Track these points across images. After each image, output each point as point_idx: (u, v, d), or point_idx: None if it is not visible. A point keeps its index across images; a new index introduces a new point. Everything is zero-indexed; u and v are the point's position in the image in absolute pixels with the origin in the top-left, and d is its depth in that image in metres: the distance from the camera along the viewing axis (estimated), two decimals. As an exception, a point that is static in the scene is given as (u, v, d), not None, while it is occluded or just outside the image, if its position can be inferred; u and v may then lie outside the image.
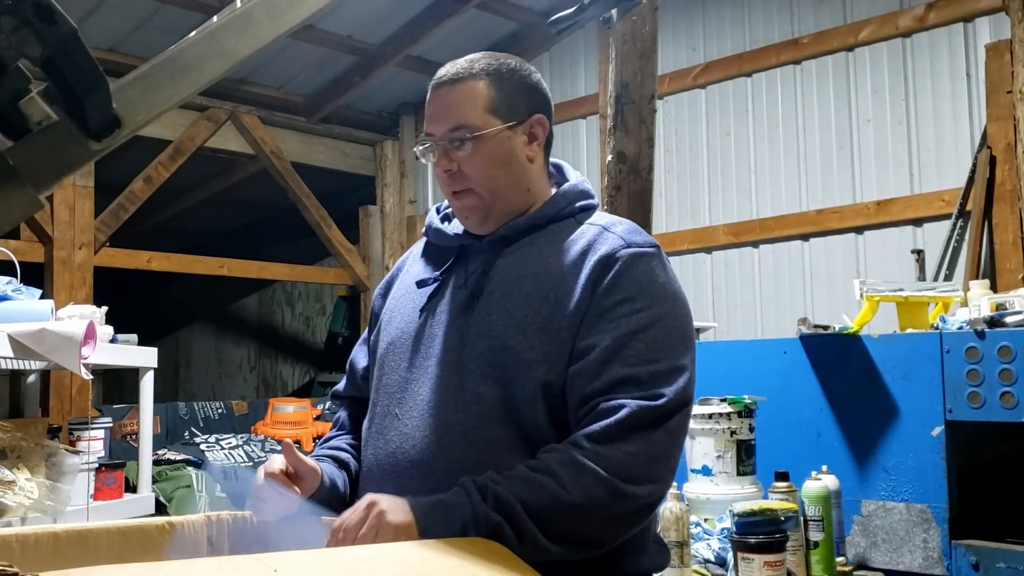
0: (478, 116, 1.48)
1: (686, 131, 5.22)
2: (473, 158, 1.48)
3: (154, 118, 0.98)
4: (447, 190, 1.53)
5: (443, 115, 1.49)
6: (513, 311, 1.42)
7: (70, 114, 0.92)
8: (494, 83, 1.50)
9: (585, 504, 1.27)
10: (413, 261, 1.66)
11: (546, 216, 1.52)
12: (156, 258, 5.53)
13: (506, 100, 1.50)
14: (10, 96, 0.89)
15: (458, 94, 1.49)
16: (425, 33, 5.46)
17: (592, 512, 1.28)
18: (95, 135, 0.93)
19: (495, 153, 1.49)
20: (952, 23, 4.33)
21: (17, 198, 0.89)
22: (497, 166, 1.50)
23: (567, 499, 1.26)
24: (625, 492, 1.29)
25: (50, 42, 0.85)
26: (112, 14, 4.86)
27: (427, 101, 1.53)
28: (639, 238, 1.48)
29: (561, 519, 1.27)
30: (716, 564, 2.55)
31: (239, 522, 1.41)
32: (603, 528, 1.31)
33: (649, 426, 1.32)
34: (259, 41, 1.03)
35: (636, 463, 1.30)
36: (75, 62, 0.88)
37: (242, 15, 1.02)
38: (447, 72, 1.51)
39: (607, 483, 1.28)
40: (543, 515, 1.26)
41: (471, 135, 1.47)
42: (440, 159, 1.50)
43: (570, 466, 1.28)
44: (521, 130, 1.52)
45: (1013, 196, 3.96)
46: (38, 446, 2.72)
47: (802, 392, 2.91)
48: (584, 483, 1.27)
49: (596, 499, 1.28)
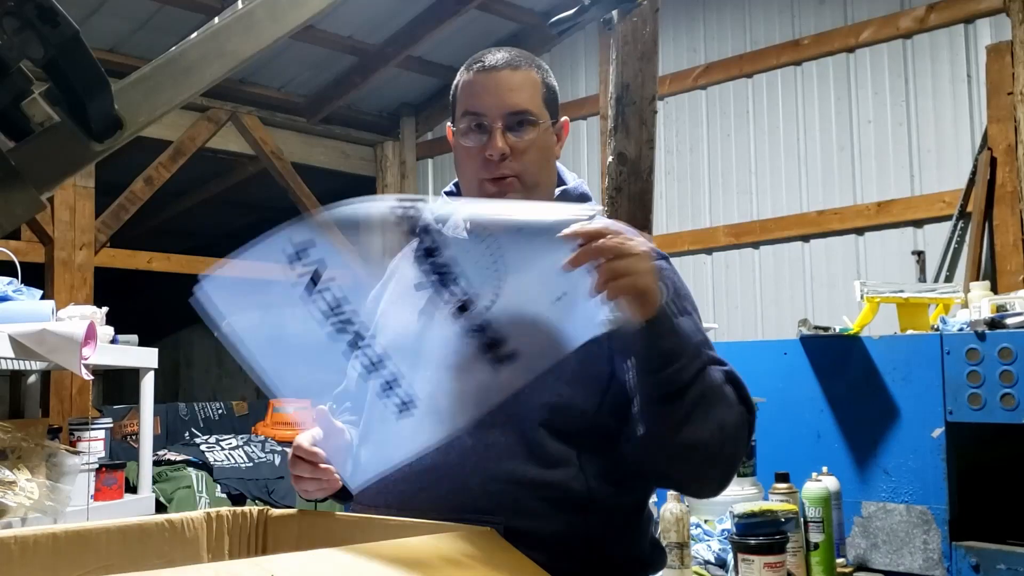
0: (537, 106, 1.47)
1: (687, 132, 5.22)
2: (531, 146, 1.46)
3: (156, 119, 0.98)
4: (485, 176, 1.46)
5: (504, 96, 1.45)
6: None
7: (72, 115, 0.92)
8: (543, 77, 1.50)
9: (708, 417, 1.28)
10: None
11: None
12: (157, 259, 5.53)
13: (551, 97, 1.51)
14: (12, 97, 0.90)
15: (520, 79, 1.46)
16: (426, 34, 5.46)
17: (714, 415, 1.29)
18: (97, 136, 0.93)
19: (545, 146, 1.49)
20: (953, 24, 4.33)
21: (19, 199, 0.89)
22: (545, 159, 1.50)
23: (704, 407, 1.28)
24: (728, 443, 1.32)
25: (52, 44, 0.85)
26: (113, 15, 4.86)
27: (474, 81, 1.48)
28: None
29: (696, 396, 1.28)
30: (716, 565, 2.55)
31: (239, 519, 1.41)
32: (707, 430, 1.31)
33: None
34: (261, 43, 1.04)
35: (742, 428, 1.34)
36: (77, 64, 0.88)
37: (244, 16, 1.02)
38: (501, 57, 1.48)
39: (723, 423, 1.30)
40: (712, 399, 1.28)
41: (536, 121, 1.46)
42: (495, 140, 1.44)
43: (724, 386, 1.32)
44: (555, 129, 1.54)
45: (1014, 198, 3.96)
46: (38, 447, 2.72)
47: (802, 393, 2.91)
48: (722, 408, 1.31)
49: (711, 425, 1.29)
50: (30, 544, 1.16)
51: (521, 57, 1.50)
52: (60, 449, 2.78)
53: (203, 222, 7.91)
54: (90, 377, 2.71)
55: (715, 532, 2.61)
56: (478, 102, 1.46)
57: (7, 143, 0.91)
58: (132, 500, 3.14)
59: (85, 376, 2.63)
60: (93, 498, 2.93)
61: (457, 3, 5.30)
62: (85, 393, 4.69)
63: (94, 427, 3.11)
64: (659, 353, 1.25)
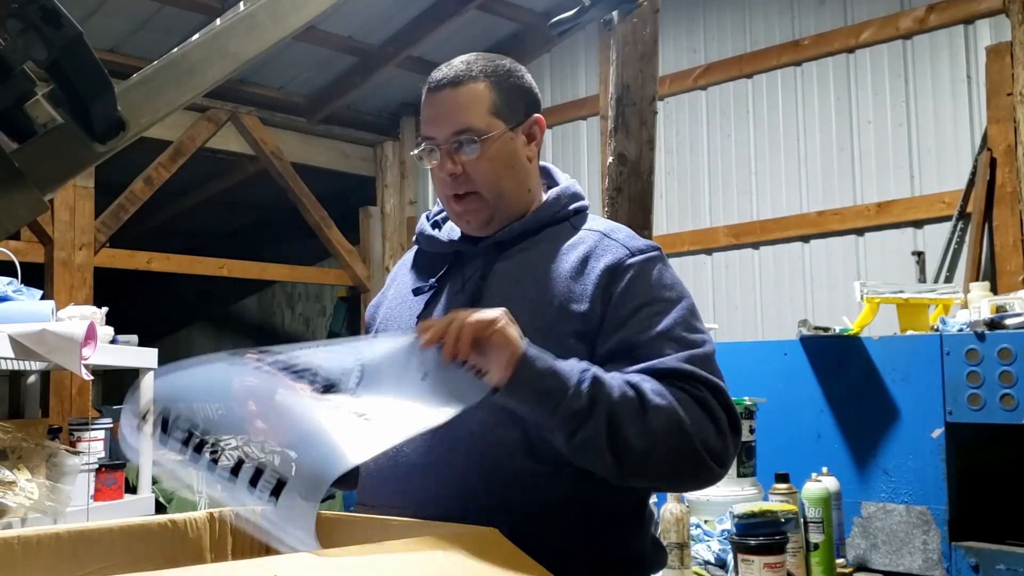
0: (482, 118, 1.47)
1: (687, 133, 5.23)
2: (479, 161, 1.47)
3: (158, 120, 0.98)
4: (448, 193, 1.51)
5: (446, 118, 1.48)
6: (516, 316, 1.43)
7: (75, 117, 0.92)
8: (494, 85, 1.49)
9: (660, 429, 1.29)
10: (404, 271, 1.65)
11: (542, 220, 1.52)
12: (156, 259, 5.53)
13: (507, 102, 1.50)
14: (15, 99, 0.90)
15: (461, 96, 1.47)
16: (426, 34, 5.47)
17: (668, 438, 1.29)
18: (100, 137, 0.94)
19: (500, 155, 1.49)
20: (953, 25, 4.33)
21: (23, 200, 0.89)
22: (502, 168, 1.49)
23: (649, 426, 1.28)
24: (699, 455, 1.31)
25: (56, 45, 0.85)
26: (113, 15, 4.86)
27: (424, 103, 1.52)
28: (640, 243, 1.49)
29: (635, 435, 1.28)
30: (716, 566, 2.55)
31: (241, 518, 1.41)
32: (666, 464, 1.32)
33: (720, 405, 1.36)
34: (263, 44, 1.04)
35: (713, 434, 1.33)
36: (80, 65, 0.89)
37: (246, 18, 1.03)
38: (445, 74, 1.49)
39: (685, 434, 1.30)
40: (619, 423, 1.27)
41: (477, 138, 1.46)
42: (444, 162, 1.48)
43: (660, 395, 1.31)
44: (521, 130, 1.52)
45: (1013, 198, 3.97)
46: (38, 447, 2.72)
47: (802, 394, 2.91)
48: (681, 418, 1.30)
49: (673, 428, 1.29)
50: (33, 544, 1.17)
51: (468, 68, 1.49)
52: (60, 449, 2.78)
53: (203, 222, 7.91)
54: (90, 377, 2.71)
55: (715, 532, 2.62)
56: (426, 126, 1.51)
57: (10, 144, 0.92)
58: (132, 500, 3.14)
59: (85, 376, 2.63)
60: (93, 498, 2.93)
61: (457, 3, 5.30)
62: (85, 393, 4.69)
63: (94, 427, 3.11)
64: (540, 393, 1.26)
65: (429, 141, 1.50)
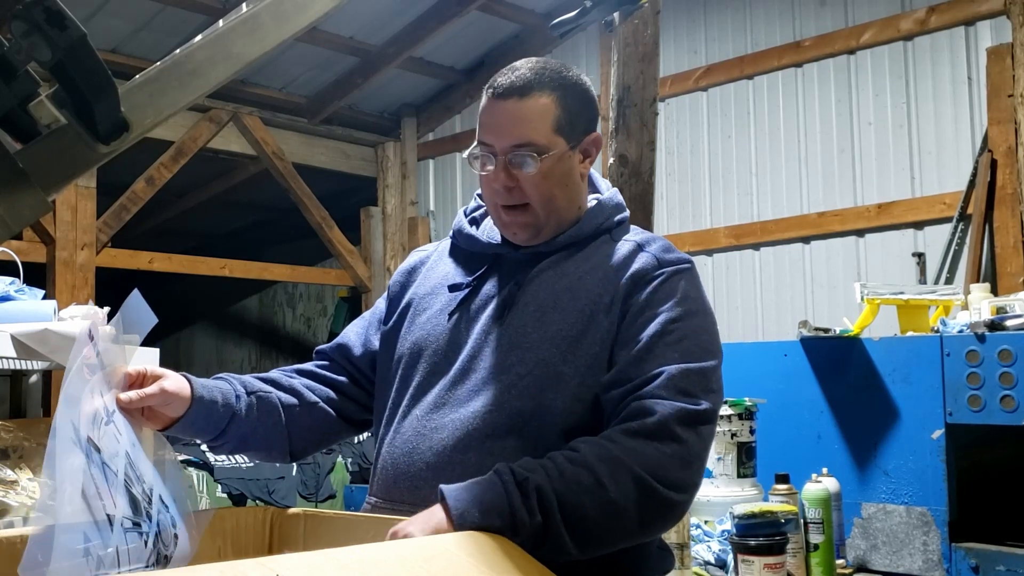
0: (545, 135, 1.44)
1: (687, 134, 5.23)
2: (536, 177, 1.44)
3: (161, 121, 0.99)
4: (500, 202, 1.48)
5: (508, 128, 1.44)
6: (548, 325, 1.42)
7: (79, 117, 0.92)
8: (560, 99, 1.46)
9: (620, 502, 1.25)
10: (440, 258, 1.63)
11: (586, 233, 1.52)
12: (158, 259, 5.53)
13: (570, 119, 1.47)
14: (19, 99, 0.90)
15: (526, 109, 1.44)
16: (427, 35, 5.47)
17: (625, 512, 1.26)
18: (103, 138, 0.94)
19: (556, 172, 1.46)
20: (953, 26, 4.34)
21: (26, 200, 0.90)
22: (557, 186, 1.47)
23: (603, 497, 1.24)
24: (658, 493, 1.27)
25: (60, 46, 0.86)
26: (115, 15, 4.87)
27: (486, 107, 1.47)
28: (671, 256, 1.49)
29: (593, 519, 1.24)
30: (716, 566, 2.55)
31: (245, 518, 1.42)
32: (630, 529, 1.29)
33: (686, 429, 1.31)
34: (265, 45, 1.04)
35: (672, 464, 1.29)
36: (84, 66, 0.89)
37: (249, 19, 1.03)
38: (512, 81, 1.45)
39: (641, 481, 1.26)
40: (577, 514, 1.23)
41: (538, 155, 1.43)
42: (499, 173, 1.45)
43: (607, 462, 1.26)
44: (579, 148, 1.50)
45: (1014, 199, 3.97)
46: (40, 446, 2.73)
47: (802, 395, 2.92)
48: (620, 480, 1.25)
49: (630, 498, 1.25)
50: (35, 543, 1.16)
51: (538, 78, 1.45)
52: (62, 449, 2.78)
53: (204, 222, 7.91)
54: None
55: (715, 533, 2.62)
56: (486, 132, 1.47)
57: (14, 145, 0.92)
58: (133, 500, 3.14)
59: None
60: (94, 498, 2.93)
61: (458, 4, 5.31)
62: (86, 393, 4.68)
63: (95, 427, 3.11)
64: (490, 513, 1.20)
65: (486, 148, 1.47)
